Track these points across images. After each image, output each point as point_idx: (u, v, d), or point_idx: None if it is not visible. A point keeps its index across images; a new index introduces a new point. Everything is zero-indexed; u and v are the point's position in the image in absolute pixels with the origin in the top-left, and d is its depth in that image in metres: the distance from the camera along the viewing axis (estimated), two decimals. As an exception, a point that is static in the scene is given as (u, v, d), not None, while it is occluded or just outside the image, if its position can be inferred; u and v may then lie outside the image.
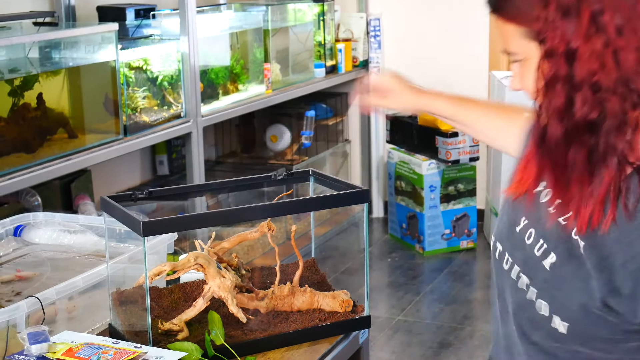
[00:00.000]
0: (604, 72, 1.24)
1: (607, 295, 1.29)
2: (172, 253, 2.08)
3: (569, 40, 1.26)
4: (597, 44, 1.24)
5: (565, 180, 1.32)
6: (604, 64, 1.24)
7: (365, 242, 1.97)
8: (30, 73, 3.19)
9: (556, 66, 1.27)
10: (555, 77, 1.28)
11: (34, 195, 3.44)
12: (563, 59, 1.26)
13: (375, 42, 5.42)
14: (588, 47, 1.25)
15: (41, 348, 1.52)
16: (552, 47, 1.27)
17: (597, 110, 1.25)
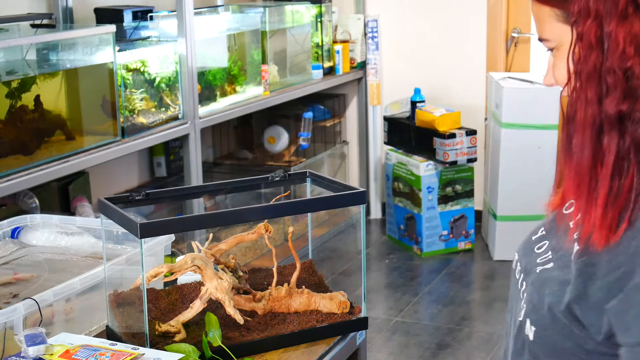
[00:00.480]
0: (638, 57, 1.14)
1: (574, 300, 1.20)
2: (170, 255, 2.08)
3: (602, 21, 1.15)
4: (635, 26, 1.14)
5: (587, 183, 1.20)
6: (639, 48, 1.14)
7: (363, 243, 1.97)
8: (28, 75, 3.19)
9: (588, 50, 1.17)
10: (586, 62, 1.18)
11: (32, 197, 3.44)
12: (596, 41, 1.16)
13: (373, 43, 5.42)
14: (624, 28, 1.14)
15: (38, 350, 1.52)
16: (584, 29, 1.17)
17: (628, 101, 1.15)
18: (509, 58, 5.28)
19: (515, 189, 4.66)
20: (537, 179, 4.58)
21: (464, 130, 4.75)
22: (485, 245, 5.07)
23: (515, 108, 4.63)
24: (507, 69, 5.27)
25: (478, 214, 5.21)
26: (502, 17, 5.17)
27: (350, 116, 5.66)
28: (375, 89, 5.45)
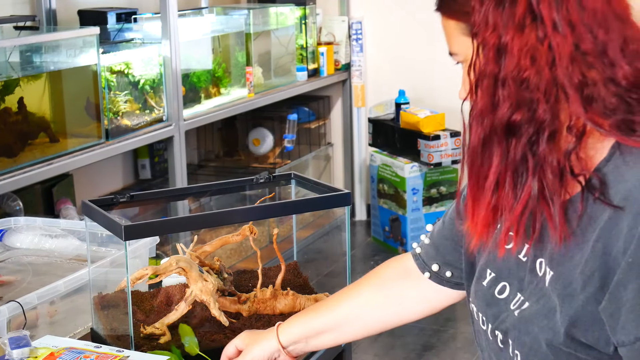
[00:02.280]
0: (534, 68, 1.14)
1: (570, 325, 1.17)
2: (154, 257, 2.08)
3: (500, 32, 1.15)
4: (531, 37, 1.14)
5: (480, 191, 1.21)
6: (536, 59, 1.14)
7: (348, 245, 1.98)
8: (11, 77, 3.18)
9: (485, 61, 1.17)
10: (483, 73, 1.18)
11: (15, 199, 3.43)
12: (493, 53, 1.16)
13: (357, 45, 5.43)
14: (520, 39, 1.14)
15: (22, 353, 1.52)
16: (483, 40, 1.17)
17: (522, 111, 1.15)
18: (492, 60, 5.29)
19: (499, 190, 4.67)
20: (521, 180, 4.59)
21: (448, 132, 4.76)
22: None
23: None
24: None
25: (462, 215, 5.21)
26: (486, 19, 5.19)
27: (335, 118, 5.66)
28: (360, 90, 5.46)
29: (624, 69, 1.14)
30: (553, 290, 1.20)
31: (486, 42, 1.17)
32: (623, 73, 1.14)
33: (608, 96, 1.14)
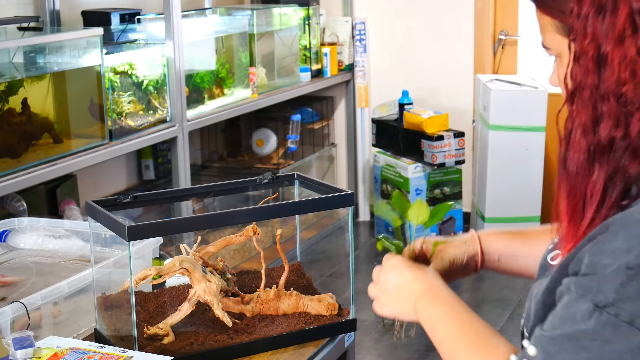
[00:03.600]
0: (633, 82, 1.12)
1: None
2: (158, 257, 2.08)
3: (600, 43, 1.14)
4: (631, 49, 1.12)
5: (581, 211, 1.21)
6: (635, 72, 1.12)
7: (351, 245, 1.98)
8: (15, 78, 3.18)
9: (585, 72, 1.15)
10: (582, 85, 1.16)
11: (19, 200, 3.43)
12: (592, 64, 1.15)
13: (361, 45, 5.43)
14: (620, 51, 1.13)
15: (26, 353, 1.52)
16: (582, 49, 1.16)
17: (622, 127, 1.14)
18: (496, 60, 5.30)
19: (503, 190, 4.68)
20: (525, 180, 4.59)
21: (451, 132, 4.75)
22: (473, 247, 5.08)
23: (503, 110, 4.64)
24: (494, 71, 5.28)
25: (466, 215, 5.22)
26: (490, 20, 5.19)
27: (339, 118, 5.66)
28: (363, 91, 5.46)
29: None
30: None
31: (585, 51, 1.15)
32: None
33: None
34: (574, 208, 1.22)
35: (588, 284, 1.17)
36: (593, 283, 1.16)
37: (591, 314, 1.15)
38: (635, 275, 1.13)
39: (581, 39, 1.15)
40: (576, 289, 1.18)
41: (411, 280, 1.50)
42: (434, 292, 1.47)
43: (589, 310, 1.16)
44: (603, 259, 1.16)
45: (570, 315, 1.17)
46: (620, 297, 1.13)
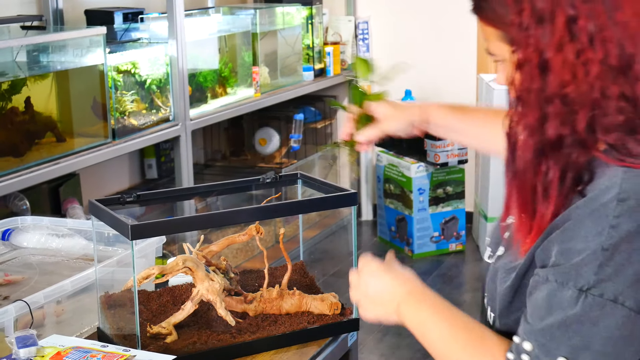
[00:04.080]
0: (575, 83, 1.21)
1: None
2: (161, 256, 2.08)
3: (542, 50, 1.22)
4: (570, 54, 1.21)
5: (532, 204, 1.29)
6: (576, 75, 1.21)
7: (354, 244, 1.98)
8: (18, 77, 3.18)
9: (530, 78, 1.24)
10: (528, 90, 1.25)
11: (22, 199, 3.43)
12: (537, 70, 1.23)
13: (364, 45, 5.43)
14: (561, 56, 1.21)
15: (29, 352, 1.52)
16: (525, 58, 1.24)
17: (568, 125, 1.23)
18: (499, 60, 5.29)
19: (505, 190, 4.67)
20: (528, 180, 4.59)
21: (454, 132, 4.75)
22: (476, 246, 5.08)
23: (506, 109, 4.63)
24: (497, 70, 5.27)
25: (469, 215, 5.21)
26: (493, 19, 5.18)
27: (341, 118, 5.66)
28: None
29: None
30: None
31: (529, 59, 1.24)
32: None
33: (615, 113, 1.22)
34: (524, 202, 1.29)
35: (567, 272, 1.24)
36: (571, 270, 1.23)
37: (577, 299, 1.22)
38: (611, 255, 1.21)
39: (524, 48, 1.24)
40: (555, 278, 1.24)
41: (391, 285, 1.53)
42: (416, 294, 1.51)
43: (573, 296, 1.22)
44: (575, 244, 1.23)
45: (556, 303, 1.23)
46: (601, 278, 1.21)
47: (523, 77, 1.25)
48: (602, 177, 1.24)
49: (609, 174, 1.24)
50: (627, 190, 1.22)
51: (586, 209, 1.24)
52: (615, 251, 1.21)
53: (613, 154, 1.24)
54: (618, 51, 1.21)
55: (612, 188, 1.23)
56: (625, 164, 1.23)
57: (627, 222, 1.21)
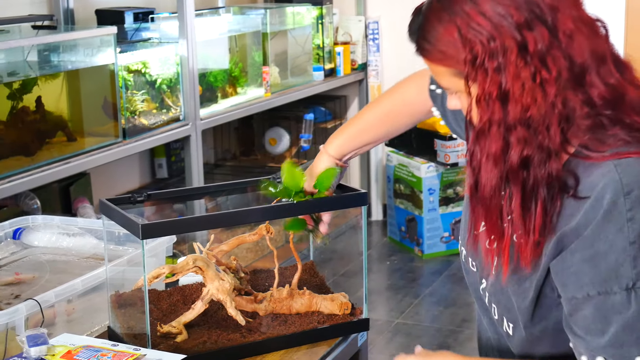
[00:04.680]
0: (535, 105, 1.25)
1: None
2: (171, 256, 2.08)
3: (500, 82, 1.25)
4: (527, 79, 1.24)
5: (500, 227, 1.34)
6: (535, 97, 1.25)
7: (364, 244, 1.98)
8: (29, 76, 3.19)
9: (490, 110, 1.27)
10: (489, 122, 1.28)
11: (33, 198, 3.44)
12: (497, 102, 1.26)
13: (374, 45, 5.42)
14: (519, 83, 1.25)
15: (40, 350, 1.52)
16: (484, 92, 1.27)
17: (531, 145, 1.26)
18: (510, 60, 5.28)
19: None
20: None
21: (465, 132, 4.74)
22: (486, 246, 5.07)
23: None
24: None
25: (479, 215, 5.20)
26: (503, 19, 5.17)
27: (351, 118, 5.65)
28: (377, 90, 5.46)
29: (599, 89, 1.27)
30: None
31: (487, 92, 1.27)
32: (598, 92, 1.27)
33: (582, 118, 1.27)
34: (493, 227, 1.35)
35: (605, 279, 1.26)
36: (609, 275, 1.26)
37: (628, 298, 1.25)
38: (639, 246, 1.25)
39: (481, 83, 1.27)
40: (597, 290, 1.27)
41: None
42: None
43: (623, 297, 1.25)
44: (599, 247, 1.26)
45: (610, 312, 1.26)
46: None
47: (482, 111, 1.28)
48: (591, 176, 1.28)
49: (597, 171, 1.28)
50: (629, 183, 1.26)
51: (596, 212, 1.27)
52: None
53: (587, 153, 1.29)
54: (569, 65, 1.25)
55: (610, 184, 1.26)
56: (608, 157, 1.27)
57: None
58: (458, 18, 1.29)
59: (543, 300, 1.38)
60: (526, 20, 1.26)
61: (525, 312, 1.41)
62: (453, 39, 1.29)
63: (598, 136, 1.29)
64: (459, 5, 1.29)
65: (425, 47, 1.36)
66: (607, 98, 1.28)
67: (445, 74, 1.35)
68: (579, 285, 1.30)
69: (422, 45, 1.37)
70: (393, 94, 1.89)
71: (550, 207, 1.31)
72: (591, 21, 1.31)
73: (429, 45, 1.34)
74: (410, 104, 1.86)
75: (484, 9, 1.27)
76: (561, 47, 1.26)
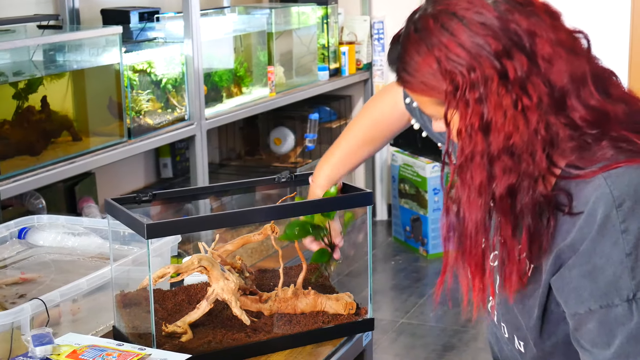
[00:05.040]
0: (518, 133, 1.25)
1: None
2: (176, 255, 2.08)
3: (482, 112, 1.25)
4: (509, 107, 1.24)
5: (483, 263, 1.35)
6: (517, 125, 1.25)
7: (369, 244, 1.97)
8: (35, 76, 3.20)
9: (473, 142, 1.27)
10: (472, 153, 1.28)
11: (38, 197, 3.44)
12: (479, 132, 1.26)
13: (379, 44, 5.42)
14: (500, 111, 1.24)
15: (45, 350, 1.52)
16: (466, 123, 1.27)
17: (515, 173, 1.26)
18: (515, 59, 5.27)
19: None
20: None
21: (470, 132, 4.73)
22: (491, 246, 5.06)
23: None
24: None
25: (484, 215, 5.19)
26: (509, 19, 5.16)
27: (356, 117, 5.64)
28: (381, 90, 5.45)
29: (580, 112, 1.26)
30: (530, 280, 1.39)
31: (470, 124, 1.27)
32: (580, 115, 1.26)
33: (566, 140, 1.27)
34: (476, 262, 1.35)
35: (605, 292, 1.27)
36: (608, 288, 1.27)
37: (630, 309, 1.25)
38: (636, 255, 1.25)
39: (463, 114, 1.27)
40: (599, 304, 1.28)
41: None
42: None
43: (625, 309, 1.26)
44: (596, 262, 1.27)
45: (614, 324, 1.27)
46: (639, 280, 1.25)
47: (464, 144, 1.28)
48: (584, 191, 1.28)
49: (589, 187, 1.28)
50: (620, 194, 1.26)
51: (590, 227, 1.27)
52: (637, 250, 1.25)
53: (576, 172, 1.29)
54: (549, 90, 1.25)
55: (601, 198, 1.26)
56: (597, 172, 1.27)
57: (634, 221, 1.25)
58: (436, 49, 1.28)
59: (550, 316, 1.39)
60: (504, 48, 1.25)
61: (533, 330, 1.41)
62: (433, 70, 1.29)
63: (585, 154, 1.29)
64: (436, 36, 1.29)
65: (405, 78, 1.35)
66: (589, 120, 1.28)
67: (428, 103, 1.35)
68: (580, 300, 1.30)
69: (402, 76, 1.35)
70: (368, 113, 1.92)
71: (544, 229, 1.31)
72: (570, 41, 1.30)
73: (409, 76, 1.33)
74: (387, 121, 1.91)
75: (461, 40, 1.27)
76: (541, 72, 1.25)
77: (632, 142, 1.28)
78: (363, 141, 1.91)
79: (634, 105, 1.34)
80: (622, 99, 1.32)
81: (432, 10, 1.32)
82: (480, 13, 1.27)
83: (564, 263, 1.31)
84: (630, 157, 1.27)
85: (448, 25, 1.28)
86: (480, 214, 1.29)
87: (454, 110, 1.28)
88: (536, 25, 1.27)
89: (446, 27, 1.28)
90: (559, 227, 1.32)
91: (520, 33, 1.26)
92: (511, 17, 1.27)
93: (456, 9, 1.29)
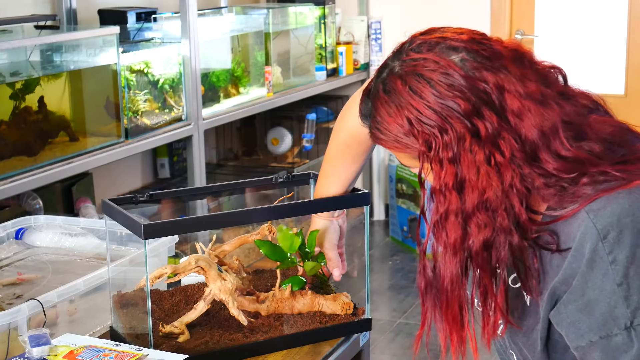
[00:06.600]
0: (492, 188, 1.25)
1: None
2: (173, 256, 2.08)
3: (455, 170, 1.26)
4: (482, 164, 1.25)
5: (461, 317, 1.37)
6: (491, 180, 1.25)
7: (366, 244, 1.98)
8: (32, 76, 3.19)
9: (447, 201, 1.27)
10: (446, 213, 1.28)
11: (36, 198, 3.44)
12: (453, 191, 1.26)
13: (377, 45, 5.42)
14: (474, 169, 1.25)
15: (42, 351, 1.52)
16: (440, 183, 1.27)
17: (490, 227, 1.27)
18: (512, 60, 5.27)
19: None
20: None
21: (467, 132, 4.74)
22: (488, 246, 5.06)
23: None
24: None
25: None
26: (506, 19, 5.17)
27: (354, 118, 5.65)
28: (379, 90, 5.45)
29: (553, 164, 1.26)
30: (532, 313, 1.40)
31: (444, 183, 1.27)
32: (553, 167, 1.26)
33: (543, 188, 1.28)
34: (453, 317, 1.38)
35: (603, 324, 1.28)
36: (605, 319, 1.28)
37: (629, 337, 1.27)
38: (628, 284, 1.26)
39: (437, 173, 1.27)
40: (599, 335, 1.29)
41: None
42: None
43: (624, 337, 1.27)
44: (589, 295, 1.28)
45: (616, 353, 1.28)
46: (635, 307, 1.27)
47: (439, 203, 1.28)
48: (568, 227, 1.30)
49: (573, 223, 1.29)
50: (604, 227, 1.26)
51: (579, 262, 1.28)
52: (628, 279, 1.26)
53: (558, 213, 1.30)
54: (520, 145, 1.25)
55: (587, 233, 1.27)
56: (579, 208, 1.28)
57: (620, 251, 1.26)
58: (406, 111, 1.28)
59: (555, 345, 1.40)
60: (474, 107, 1.25)
61: (535, 356, 1.43)
62: (405, 130, 1.29)
63: (565, 196, 1.29)
64: (405, 98, 1.29)
65: (379, 136, 1.35)
66: (562, 169, 1.28)
67: (404, 157, 1.36)
68: (579, 334, 1.31)
69: (376, 134, 1.35)
70: (339, 135, 1.84)
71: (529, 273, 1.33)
72: (539, 92, 1.29)
73: (382, 135, 1.33)
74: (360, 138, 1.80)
75: (430, 103, 1.27)
76: (511, 128, 1.25)
77: (609, 174, 1.28)
78: (348, 162, 1.85)
79: (617, 136, 1.33)
80: (600, 137, 1.31)
81: (399, 71, 1.32)
82: (447, 74, 1.26)
83: (559, 298, 1.33)
84: (606, 188, 1.28)
85: (416, 88, 1.28)
86: (456, 270, 1.30)
87: (428, 168, 1.29)
88: (504, 80, 1.27)
89: (414, 89, 1.28)
90: (550, 263, 1.33)
91: (489, 90, 1.26)
92: (479, 74, 1.26)
93: (423, 70, 1.29)
